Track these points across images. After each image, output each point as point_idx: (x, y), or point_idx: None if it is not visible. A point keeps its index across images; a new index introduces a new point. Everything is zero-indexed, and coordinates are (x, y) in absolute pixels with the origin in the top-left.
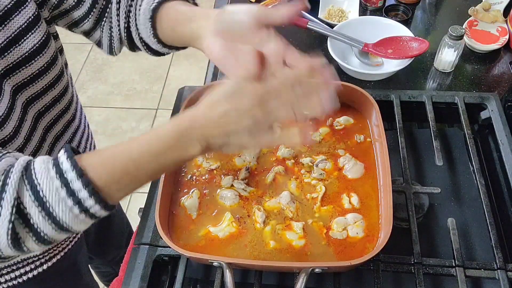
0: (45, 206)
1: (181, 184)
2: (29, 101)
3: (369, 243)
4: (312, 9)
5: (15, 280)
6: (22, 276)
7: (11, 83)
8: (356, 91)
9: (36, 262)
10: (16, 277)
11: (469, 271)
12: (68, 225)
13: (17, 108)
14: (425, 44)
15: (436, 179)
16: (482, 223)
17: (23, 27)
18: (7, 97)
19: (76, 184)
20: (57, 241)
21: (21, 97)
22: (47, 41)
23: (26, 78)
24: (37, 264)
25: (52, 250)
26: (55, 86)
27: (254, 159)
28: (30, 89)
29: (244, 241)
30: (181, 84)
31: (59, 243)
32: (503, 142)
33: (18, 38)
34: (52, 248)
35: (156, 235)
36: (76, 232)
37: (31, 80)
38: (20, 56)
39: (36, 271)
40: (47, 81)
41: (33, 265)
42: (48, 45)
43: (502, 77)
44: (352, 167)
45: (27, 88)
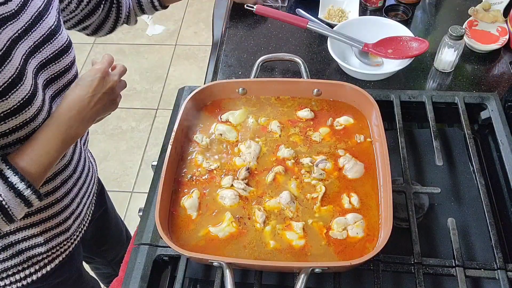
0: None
1: (181, 184)
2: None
3: (369, 243)
4: (312, 9)
5: (19, 282)
6: (27, 278)
7: (34, 63)
8: (356, 91)
9: (40, 263)
10: (21, 279)
11: (469, 271)
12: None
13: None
14: (425, 44)
15: (436, 179)
16: (482, 223)
17: (41, 8)
18: (30, 78)
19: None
20: None
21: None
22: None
23: (45, 58)
24: (41, 265)
25: (55, 251)
26: (71, 69)
27: (254, 159)
28: (49, 70)
29: (244, 241)
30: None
31: (61, 245)
32: (503, 142)
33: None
34: (54, 250)
35: (156, 235)
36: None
37: (50, 60)
38: (41, 35)
39: (40, 273)
40: (65, 64)
41: (37, 266)
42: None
43: (502, 77)
44: (352, 167)
45: (46, 69)
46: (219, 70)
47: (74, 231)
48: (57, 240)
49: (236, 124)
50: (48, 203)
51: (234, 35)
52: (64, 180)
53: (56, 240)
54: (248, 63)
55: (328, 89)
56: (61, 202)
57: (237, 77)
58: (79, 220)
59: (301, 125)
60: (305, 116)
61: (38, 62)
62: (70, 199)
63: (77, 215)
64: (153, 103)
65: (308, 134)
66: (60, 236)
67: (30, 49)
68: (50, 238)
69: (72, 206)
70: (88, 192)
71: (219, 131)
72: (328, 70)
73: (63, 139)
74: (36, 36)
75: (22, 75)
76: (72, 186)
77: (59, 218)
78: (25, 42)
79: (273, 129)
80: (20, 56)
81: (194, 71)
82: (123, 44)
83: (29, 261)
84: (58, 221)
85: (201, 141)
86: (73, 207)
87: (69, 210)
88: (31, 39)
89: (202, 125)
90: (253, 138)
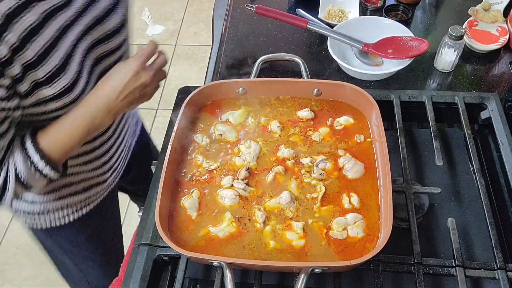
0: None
1: (181, 184)
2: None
3: (369, 243)
4: (312, 9)
5: (58, 221)
6: (65, 218)
7: (86, 42)
8: (356, 91)
9: (77, 206)
10: (60, 218)
11: (469, 271)
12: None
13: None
14: (425, 44)
15: (436, 179)
16: (482, 223)
17: None
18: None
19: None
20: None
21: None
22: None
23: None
24: (78, 207)
25: (92, 198)
26: (122, 47)
27: (254, 159)
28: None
29: (244, 241)
30: (181, 84)
31: (97, 194)
32: (503, 142)
33: None
34: (92, 197)
35: (156, 235)
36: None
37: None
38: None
39: (77, 214)
40: (116, 43)
41: (75, 208)
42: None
43: (502, 77)
44: (352, 167)
45: (96, 49)
46: (219, 70)
47: (111, 181)
48: (95, 190)
49: (236, 124)
50: (86, 161)
51: (234, 35)
52: (103, 141)
53: (93, 189)
54: (248, 63)
55: (328, 89)
56: (100, 159)
57: (237, 77)
58: (116, 172)
59: (301, 125)
60: (305, 116)
61: (87, 44)
62: (109, 157)
63: (115, 168)
64: (153, 103)
65: (308, 134)
66: (97, 186)
67: (80, 33)
68: (88, 187)
69: (110, 162)
70: (127, 146)
71: (219, 131)
72: (328, 70)
73: (88, 129)
74: (88, 19)
75: (67, 64)
76: (111, 145)
77: (97, 172)
78: (75, 28)
79: (273, 129)
80: (68, 43)
81: (194, 71)
82: None
83: (69, 205)
84: (96, 174)
85: (201, 141)
86: (111, 163)
87: (108, 165)
88: (82, 23)
89: (202, 125)
90: (253, 138)
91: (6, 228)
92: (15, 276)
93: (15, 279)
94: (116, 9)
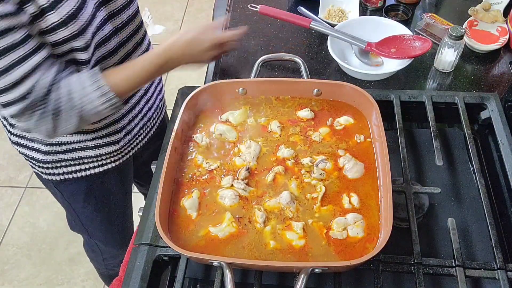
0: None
1: (181, 184)
2: (111, 15)
3: (369, 243)
4: (312, 9)
5: (69, 174)
6: (77, 173)
7: None
8: (356, 91)
9: (89, 164)
10: (71, 172)
11: (469, 271)
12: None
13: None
14: (428, 43)
15: (436, 179)
16: (482, 223)
17: None
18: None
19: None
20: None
21: (104, 10)
22: None
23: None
24: (91, 166)
25: (104, 158)
26: (130, 5)
27: (254, 159)
28: (111, 5)
29: (244, 241)
30: (181, 84)
31: (110, 154)
32: (503, 142)
33: None
34: (104, 157)
35: (156, 235)
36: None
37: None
38: None
39: (88, 172)
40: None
41: (87, 165)
42: None
43: (502, 77)
44: (352, 167)
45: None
46: (219, 70)
47: (125, 146)
48: (106, 149)
49: (236, 124)
50: None
51: None
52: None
53: (105, 148)
54: (248, 63)
55: (328, 89)
56: (113, 116)
57: (237, 77)
58: (132, 137)
59: (301, 125)
60: (305, 116)
61: None
62: (126, 118)
63: (129, 131)
64: None
65: (308, 134)
66: (109, 146)
67: None
68: (100, 145)
69: (122, 122)
70: (148, 117)
71: (219, 131)
72: (328, 70)
73: (156, 71)
74: None
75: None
76: (130, 108)
77: (110, 129)
78: None
79: (273, 129)
80: None
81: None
82: None
83: (80, 160)
84: (108, 131)
85: (201, 141)
86: (124, 124)
87: (120, 124)
88: None
89: (202, 125)
90: (253, 138)
91: (6, 228)
92: (15, 276)
93: (15, 279)
94: None
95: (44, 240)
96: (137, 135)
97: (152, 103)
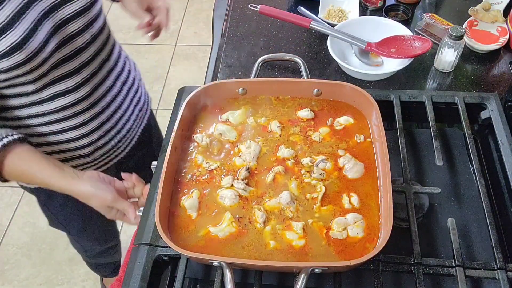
0: None
1: (181, 184)
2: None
3: (369, 243)
4: (312, 9)
5: None
6: None
7: (54, 20)
8: (356, 91)
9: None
10: None
11: (469, 271)
12: None
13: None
14: (428, 43)
15: (436, 179)
16: (482, 223)
17: None
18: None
19: None
20: None
21: (59, 35)
22: None
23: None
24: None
25: (82, 169)
26: (94, 24)
27: (254, 159)
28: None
29: (244, 241)
30: (181, 84)
31: (86, 166)
32: (503, 142)
33: None
34: (82, 169)
35: (156, 235)
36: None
37: (73, 17)
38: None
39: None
40: (87, 19)
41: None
42: None
43: (502, 77)
44: (352, 167)
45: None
46: (219, 70)
47: (98, 158)
48: (78, 161)
49: (236, 124)
50: (60, 129)
51: (234, 35)
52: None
53: (76, 161)
54: (248, 63)
55: (328, 89)
56: (76, 130)
57: (237, 77)
58: (104, 150)
59: (301, 125)
60: (305, 116)
61: (45, 5)
62: (89, 130)
63: (100, 146)
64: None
65: (308, 134)
66: (80, 159)
67: None
68: (69, 158)
69: (91, 137)
70: (121, 129)
71: (219, 131)
72: (328, 70)
73: (48, 184)
74: None
75: (15, 21)
76: (89, 119)
77: (76, 144)
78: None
79: (273, 129)
80: (18, 2)
81: (194, 71)
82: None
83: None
84: (75, 145)
85: (201, 141)
86: (92, 138)
87: (87, 140)
88: None
89: (202, 125)
90: (253, 138)
91: (6, 228)
92: (15, 276)
93: (15, 279)
94: None
95: (44, 240)
96: (114, 148)
97: (128, 117)
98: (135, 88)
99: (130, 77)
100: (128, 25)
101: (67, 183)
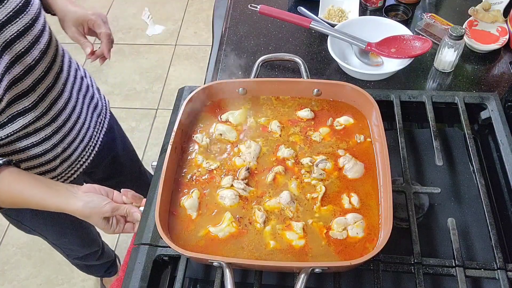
0: None
1: (181, 184)
2: (18, 56)
3: (369, 243)
4: (312, 9)
5: None
6: None
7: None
8: (356, 91)
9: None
10: None
11: (469, 271)
12: None
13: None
14: (428, 43)
15: (436, 179)
16: (482, 223)
17: None
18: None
19: None
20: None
21: (9, 53)
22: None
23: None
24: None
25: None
26: (40, 39)
27: (254, 159)
28: (16, 46)
29: (244, 241)
30: (181, 84)
31: (67, 172)
32: (503, 142)
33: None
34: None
35: (156, 235)
36: None
37: (18, 36)
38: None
39: None
40: (32, 36)
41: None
42: (31, 2)
43: (502, 77)
44: (352, 167)
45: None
46: (219, 70)
47: (65, 170)
48: (45, 176)
49: (236, 124)
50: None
51: (234, 35)
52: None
53: (43, 176)
54: (248, 63)
55: (328, 89)
56: (39, 146)
57: (237, 77)
58: (69, 161)
59: (301, 125)
60: (305, 116)
61: None
62: (52, 145)
63: (65, 158)
64: (153, 103)
65: (308, 134)
66: (46, 174)
67: None
68: (36, 174)
69: (55, 151)
70: (83, 138)
71: (219, 131)
72: (328, 70)
73: (43, 206)
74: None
75: None
76: (57, 143)
77: (41, 160)
78: None
79: (273, 129)
80: None
81: (194, 71)
82: (123, 44)
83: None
84: (40, 161)
85: (201, 141)
86: (57, 153)
87: (52, 154)
88: None
89: (202, 125)
90: (253, 138)
91: (6, 228)
92: (15, 276)
93: (15, 279)
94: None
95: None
96: (79, 158)
97: (88, 124)
98: (90, 94)
99: (83, 84)
100: (128, 25)
101: (62, 203)
